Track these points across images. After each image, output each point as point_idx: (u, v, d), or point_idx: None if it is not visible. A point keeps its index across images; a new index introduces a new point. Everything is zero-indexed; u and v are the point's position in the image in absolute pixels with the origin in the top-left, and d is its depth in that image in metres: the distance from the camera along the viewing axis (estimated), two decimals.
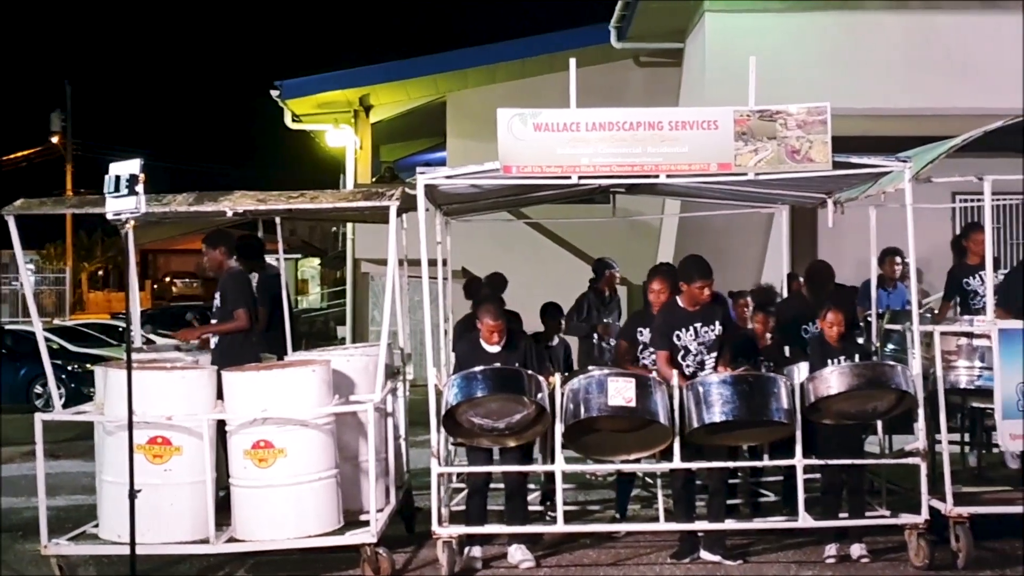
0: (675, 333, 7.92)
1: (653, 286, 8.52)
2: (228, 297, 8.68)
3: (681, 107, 15.52)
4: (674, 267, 8.82)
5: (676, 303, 8.05)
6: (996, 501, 8.06)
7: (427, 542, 7.93)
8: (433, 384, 7.64)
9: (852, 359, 7.83)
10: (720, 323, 8.01)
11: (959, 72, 13.80)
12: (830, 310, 7.94)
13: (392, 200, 7.81)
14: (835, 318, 7.90)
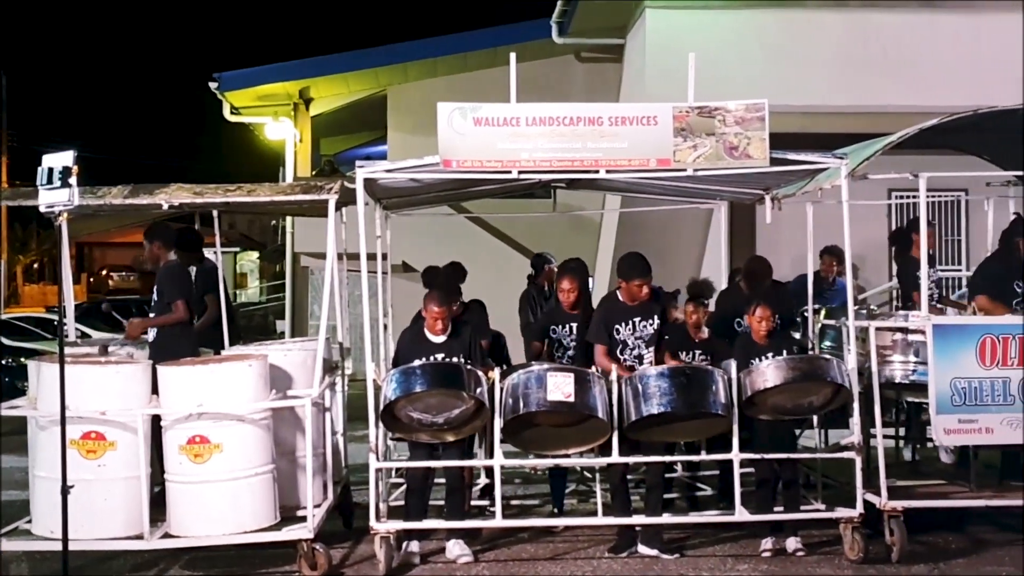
0: (614, 327, 7.95)
1: (563, 284, 8.56)
2: (166, 290, 8.60)
3: (622, 103, 15.60)
4: (584, 264, 8.87)
5: (616, 297, 8.09)
6: (930, 495, 8.15)
7: (365, 538, 7.90)
8: (371, 379, 7.60)
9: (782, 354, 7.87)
10: (658, 317, 8.06)
11: (896, 70, 13.94)
12: (759, 306, 8.00)
13: (331, 194, 7.76)
14: (763, 313, 7.96)
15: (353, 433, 9.16)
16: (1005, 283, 8.62)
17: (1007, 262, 8.80)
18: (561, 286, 8.63)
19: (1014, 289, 8.61)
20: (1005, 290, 8.55)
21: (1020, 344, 7.73)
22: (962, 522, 8.34)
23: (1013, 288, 8.61)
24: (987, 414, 7.72)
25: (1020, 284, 8.63)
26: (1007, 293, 8.54)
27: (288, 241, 20.47)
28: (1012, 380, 7.72)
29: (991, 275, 8.82)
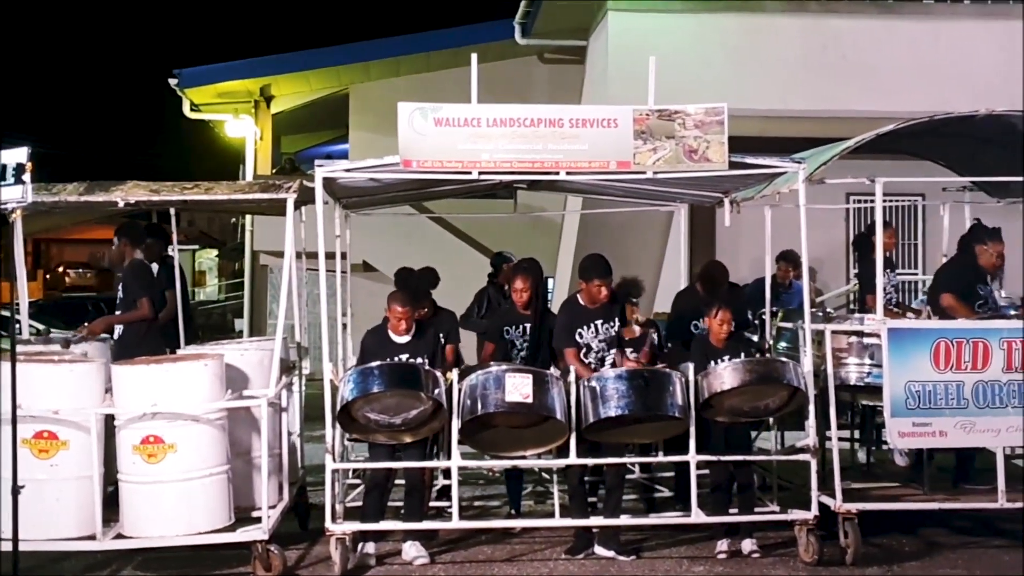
0: (577, 331, 7.96)
1: (516, 284, 8.56)
2: (130, 287, 8.61)
3: (584, 104, 15.62)
4: (537, 264, 8.86)
5: (577, 300, 8.10)
6: (884, 497, 8.22)
7: (320, 539, 7.86)
8: (329, 379, 7.57)
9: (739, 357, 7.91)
10: (619, 319, 8.09)
11: (854, 75, 14.04)
12: (721, 308, 8.02)
13: (289, 193, 7.73)
14: (724, 316, 7.99)
15: (311, 433, 9.11)
16: (969, 286, 8.70)
17: (968, 266, 8.89)
18: (514, 286, 8.63)
19: (977, 292, 8.68)
20: (969, 292, 8.63)
21: (974, 348, 7.80)
22: (916, 525, 8.40)
23: (976, 291, 8.68)
24: (941, 417, 7.78)
25: (982, 288, 8.70)
26: (970, 296, 8.61)
27: (247, 239, 20.36)
28: (966, 384, 7.78)
29: (955, 276, 8.91)
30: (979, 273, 8.85)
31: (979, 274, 8.85)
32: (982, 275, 8.85)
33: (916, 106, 11.78)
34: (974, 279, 8.80)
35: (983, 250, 8.84)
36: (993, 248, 8.84)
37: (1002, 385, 7.81)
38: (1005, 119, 8.40)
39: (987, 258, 8.84)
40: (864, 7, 14.80)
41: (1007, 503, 7.84)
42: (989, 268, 8.88)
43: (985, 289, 8.79)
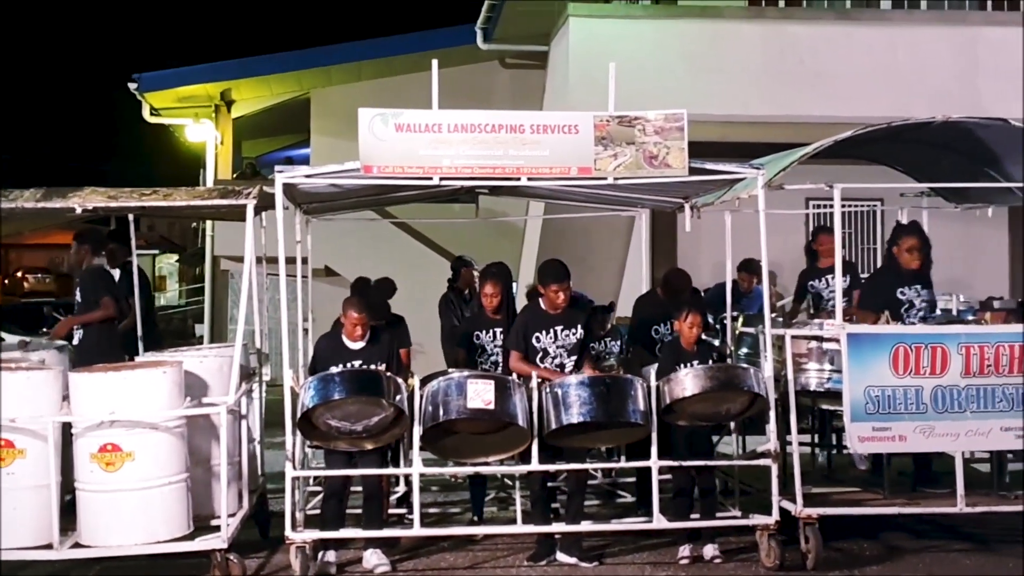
0: (534, 335, 7.95)
1: (486, 289, 8.54)
2: (89, 290, 8.57)
3: (545, 110, 15.65)
4: (506, 268, 8.86)
5: (538, 305, 8.09)
6: (845, 502, 8.26)
7: (281, 547, 7.79)
8: (289, 386, 7.53)
9: (706, 364, 7.93)
10: (583, 327, 8.06)
11: (813, 81, 14.16)
12: (691, 312, 8.01)
13: (249, 199, 7.68)
14: (695, 320, 7.98)
15: (271, 440, 9.05)
16: (890, 292, 8.66)
17: (887, 274, 8.92)
18: (484, 291, 8.61)
19: (898, 298, 8.67)
20: (889, 299, 8.58)
21: (932, 353, 7.86)
22: (876, 529, 8.45)
23: (897, 297, 8.67)
24: (900, 422, 7.82)
25: (904, 292, 8.72)
26: (892, 302, 8.57)
27: (208, 244, 20.23)
28: (924, 388, 7.83)
29: (871, 289, 8.92)
30: (900, 277, 8.76)
31: (900, 278, 8.75)
32: (904, 278, 8.73)
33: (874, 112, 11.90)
34: (893, 285, 8.72)
35: (899, 251, 8.77)
36: (904, 244, 8.74)
37: (960, 390, 7.86)
38: (961, 125, 8.46)
39: (904, 257, 8.74)
40: (822, 14, 14.95)
41: (966, 507, 7.89)
42: (910, 267, 8.74)
43: (910, 291, 8.68)
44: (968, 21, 15.04)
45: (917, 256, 8.72)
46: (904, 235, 8.84)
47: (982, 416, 7.87)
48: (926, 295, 8.78)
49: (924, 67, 14.41)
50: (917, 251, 8.72)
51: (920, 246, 8.75)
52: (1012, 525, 8.34)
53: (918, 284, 8.74)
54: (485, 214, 15.63)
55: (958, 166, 9.27)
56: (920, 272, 8.77)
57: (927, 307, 8.78)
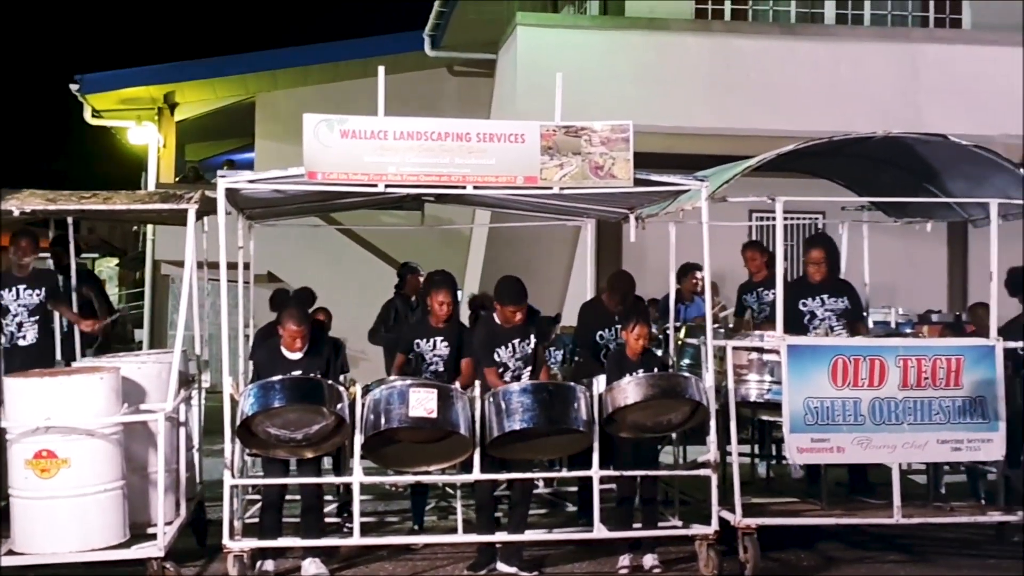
0: (495, 350, 7.92)
1: (439, 297, 8.49)
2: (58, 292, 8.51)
3: (493, 118, 15.65)
4: (451, 276, 8.84)
5: (493, 320, 8.04)
6: (783, 513, 8.32)
7: (218, 556, 7.71)
8: (228, 393, 7.46)
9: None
10: (534, 336, 8.05)
11: (758, 94, 14.28)
12: (638, 323, 8.02)
13: (190, 204, 7.61)
14: (642, 331, 7.98)
15: (210, 447, 8.96)
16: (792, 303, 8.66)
17: (795, 283, 9.03)
18: (437, 299, 8.50)
19: (799, 309, 8.76)
20: (791, 310, 8.58)
21: (870, 365, 7.95)
22: (813, 539, 8.51)
23: (799, 308, 8.76)
24: (838, 433, 7.91)
25: (806, 303, 8.79)
26: (793, 313, 8.62)
27: (149, 248, 19.99)
28: (862, 400, 7.92)
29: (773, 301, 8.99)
30: (803, 288, 8.89)
31: (803, 289, 8.88)
32: (808, 289, 8.87)
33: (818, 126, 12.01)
34: (796, 296, 8.80)
35: (806, 263, 8.93)
36: (808, 256, 8.88)
37: (898, 402, 7.96)
38: (902, 141, 8.58)
39: (809, 269, 8.90)
40: (767, 28, 15.08)
41: (902, 519, 7.99)
42: (814, 279, 8.87)
43: (813, 302, 8.79)
44: (911, 38, 15.25)
45: (819, 268, 8.87)
46: (807, 248, 9.02)
47: (919, 428, 7.98)
48: (833, 303, 8.86)
49: (867, 82, 14.58)
50: (818, 263, 8.87)
51: (823, 258, 8.89)
52: (947, 536, 8.47)
53: (824, 294, 8.86)
54: (431, 221, 15.60)
55: (898, 181, 9.39)
56: (825, 283, 8.89)
57: (832, 315, 8.83)
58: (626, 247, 14.39)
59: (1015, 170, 8.37)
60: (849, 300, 8.98)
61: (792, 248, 14.95)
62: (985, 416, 8.01)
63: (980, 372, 8.03)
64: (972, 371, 8.02)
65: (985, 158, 8.39)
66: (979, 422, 8.01)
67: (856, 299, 9.07)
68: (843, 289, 9.03)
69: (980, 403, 8.02)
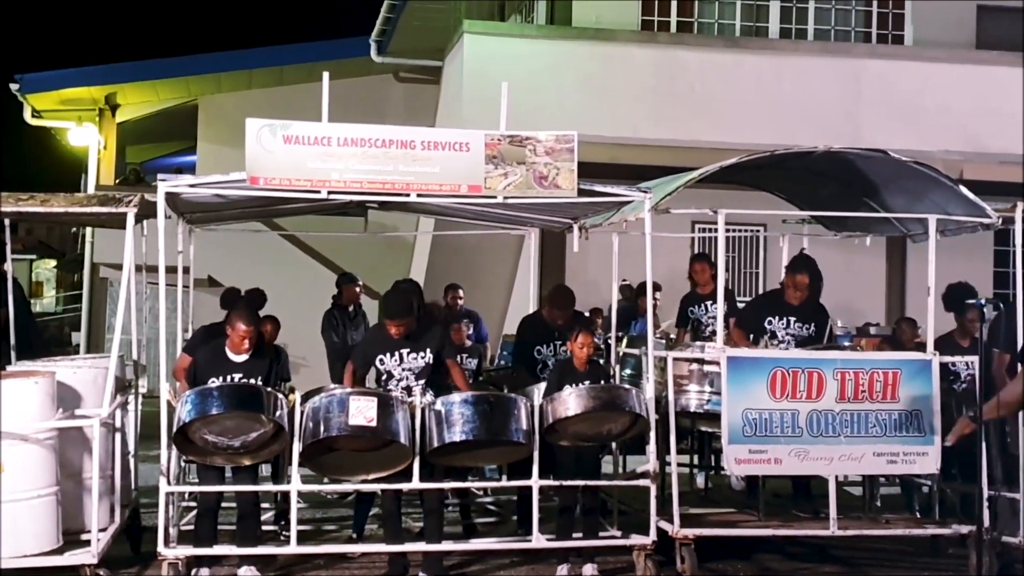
0: (377, 357, 7.85)
1: None
2: None
3: (438, 126, 15.66)
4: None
5: (384, 328, 7.96)
6: (721, 523, 8.34)
7: (153, 563, 7.61)
8: (165, 399, 7.36)
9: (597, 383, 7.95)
10: (433, 350, 7.93)
11: (702, 107, 14.41)
12: (582, 332, 8.02)
13: (129, 207, 7.52)
14: (585, 340, 7.97)
15: (147, 453, 8.86)
16: (758, 318, 8.83)
17: (767, 299, 9.06)
18: None
19: (763, 327, 8.80)
20: (756, 326, 8.74)
21: (809, 378, 8.01)
22: (750, 550, 8.56)
23: (763, 325, 8.81)
24: (776, 445, 7.96)
25: (771, 321, 8.83)
26: (757, 328, 8.74)
27: (87, 250, 19.77)
28: (800, 412, 7.98)
29: (747, 308, 9.09)
30: (774, 306, 8.92)
31: (774, 307, 8.91)
32: (779, 308, 8.86)
33: (761, 139, 12.15)
34: (765, 313, 8.88)
35: (786, 282, 8.96)
36: (789, 279, 8.89)
37: (835, 414, 8.03)
38: (843, 156, 8.66)
39: (788, 291, 8.88)
40: (712, 40, 15.23)
41: (838, 530, 8.06)
42: (793, 299, 8.86)
43: (778, 323, 8.81)
44: (853, 53, 15.47)
45: (798, 295, 8.82)
46: (793, 271, 8.95)
47: (855, 441, 8.05)
48: (796, 329, 8.84)
49: (810, 96, 14.77)
50: (801, 288, 8.81)
51: (807, 284, 8.83)
52: (882, 548, 8.56)
53: (792, 316, 8.83)
54: (375, 228, 15.56)
55: (839, 195, 9.49)
56: (799, 307, 8.86)
57: (792, 340, 8.81)
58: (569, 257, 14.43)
59: (953, 186, 8.48)
60: (816, 328, 8.93)
61: (733, 260, 15.10)
62: (921, 430, 8.11)
63: (916, 386, 8.12)
64: (909, 385, 8.11)
65: (924, 174, 8.49)
66: (915, 435, 8.10)
67: (823, 329, 9.04)
68: (813, 317, 8.95)
69: (916, 417, 8.11)
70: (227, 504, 7.89)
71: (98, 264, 19.32)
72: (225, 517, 7.86)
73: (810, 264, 9.10)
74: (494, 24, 16.37)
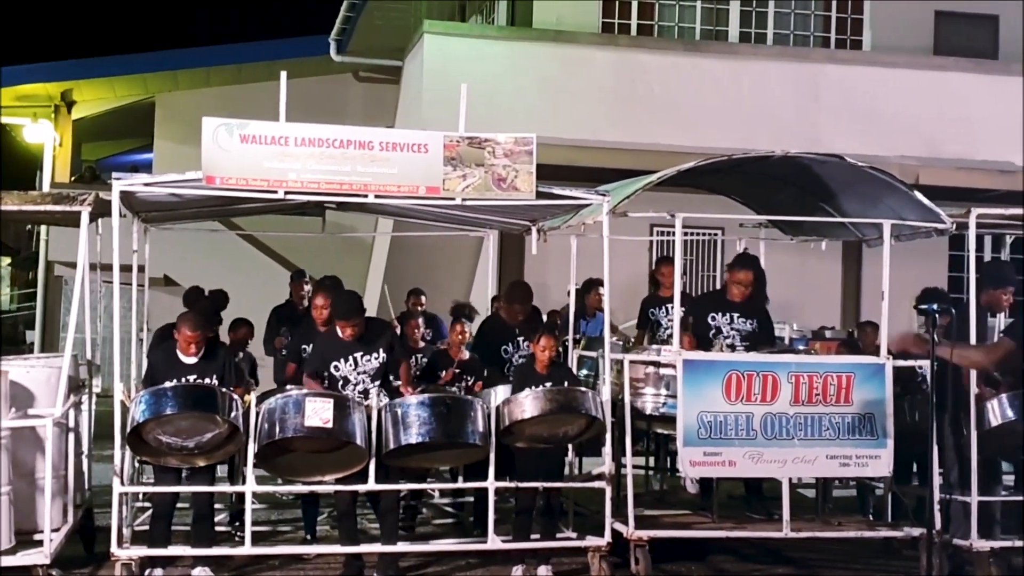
0: (332, 363, 7.84)
1: (316, 301, 8.40)
2: None
3: (398, 126, 15.63)
4: (339, 280, 8.75)
5: (335, 332, 7.93)
6: (675, 525, 8.38)
7: (106, 564, 7.56)
8: (119, 399, 7.31)
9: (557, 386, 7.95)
10: (384, 350, 7.94)
11: (662, 110, 14.47)
12: (543, 335, 8.05)
13: (84, 206, 7.46)
14: (547, 343, 7.98)
15: (101, 452, 8.77)
16: (702, 315, 8.83)
17: (711, 296, 9.10)
18: (315, 303, 8.43)
19: (708, 322, 8.82)
20: (700, 322, 8.75)
21: (763, 381, 8.07)
22: (705, 552, 8.60)
23: (707, 321, 8.82)
24: (731, 447, 8.01)
25: (715, 317, 8.86)
26: (701, 325, 8.75)
27: (42, 248, 19.58)
28: (755, 415, 8.03)
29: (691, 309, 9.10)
30: (718, 303, 8.95)
31: (718, 304, 8.94)
32: (723, 304, 8.89)
33: (719, 142, 12.22)
34: (707, 309, 8.91)
35: (729, 280, 8.98)
36: (733, 275, 8.92)
37: (789, 417, 8.09)
38: (799, 161, 8.72)
39: (732, 288, 8.90)
40: (672, 44, 15.29)
41: (791, 532, 8.11)
42: (735, 296, 8.87)
43: (722, 318, 8.81)
44: (811, 58, 15.58)
45: (742, 291, 8.83)
46: (736, 267, 8.99)
47: (809, 444, 8.11)
48: (741, 324, 8.84)
49: (768, 101, 14.86)
50: (745, 285, 8.83)
51: (751, 280, 8.85)
52: (835, 550, 8.62)
53: (735, 312, 8.83)
54: (333, 228, 15.49)
55: (795, 200, 9.55)
56: (742, 303, 8.88)
57: (737, 335, 8.83)
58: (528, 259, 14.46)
59: (908, 191, 8.56)
60: (759, 324, 8.94)
61: (691, 263, 15.17)
62: (873, 433, 8.18)
63: (870, 390, 8.19)
64: (862, 389, 8.18)
65: (879, 179, 8.56)
66: (867, 439, 8.17)
67: (766, 324, 9.04)
68: (756, 313, 8.95)
69: (869, 420, 8.18)
70: (182, 505, 7.84)
71: (53, 262, 19.13)
72: (179, 518, 7.81)
73: (752, 261, 9.17)
74: (454, 24, 16.36)
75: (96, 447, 8.60)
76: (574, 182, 8.30)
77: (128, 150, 23.33)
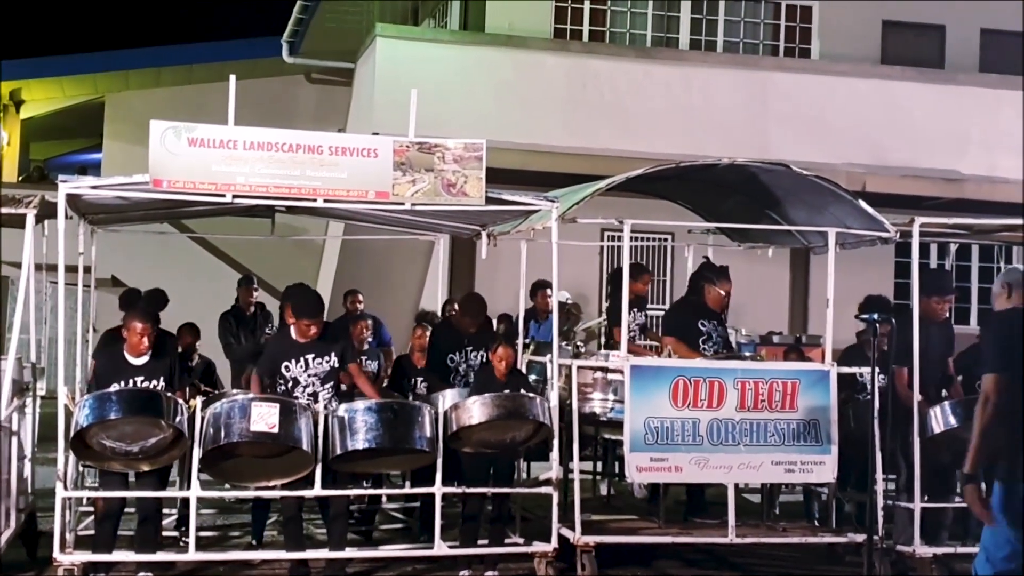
0: (283, 364, 7.80)
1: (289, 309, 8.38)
2: None
3: (350, 128, 15.58)
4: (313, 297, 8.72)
5: (288, 333, 7.92)
6: (622, 530, 8.43)
7: (49, 568, 7.48)
8: (63, 402, 7.24)
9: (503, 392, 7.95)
10: (336, 354, 7.92)
11: (612, 115, 14.52)
12: (501, 345, 8.07)
13: (28, 208, 7.39)
14: (504, 353, 8.01)
15: (46, 455, 8.67)
16: (692, 322, 8.97)
17: (691, 304, 9.21)
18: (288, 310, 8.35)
19: (698, 328, 8.95)
20: (692, 329, 8.91)
21: (710, 387, 8.13)
22: (651, 557, 8.65)
23: (698, 327, 8.95)
24: (677, 453, 8.05)
25: (704, 324, 9.01)
26: (694, 331, 8.89)
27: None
28: (701, 421, 8.09)
29: (676, 316, 9.25)
30: (702, 310, 9.06)
31: (702, 311, 9.05)
32: (706, 312, 9.03)
33: (669, 149, 12.29)
34: (696, 316, 9.02)
35: (710, 288, 9.06)
36: (720, 287, 9.05)
37: (735, 423, 8.15)
38: (746, 169, 8.80)
39: (714, 296, 9.02)
40: (623, 50, 15.36)
41: (737, 538, 8.17)
42: (715, 306, 9.05)
43: (709, 325, 8.98)
44: (760, 65, 15.71)
45: (722, 301, 9.05)
46: (721, 279, 9.10)
47: (754, 450, 8.18)
48: (720, 331, 9.11)
49: (717, 108, 14.96)
50: (728, 296, 9.06)
51: (730, 292, 9.09)
52: (779, 555, 8.70)
53: (716, 320, 9.05)
54: (283, 231, 15.42)
55: (742, 207, 9.64)
56: (716, 312, 9.09)
57: (721, 341, 9.09)
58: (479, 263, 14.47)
59: (853, 200, 8.66)
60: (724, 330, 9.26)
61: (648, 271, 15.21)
62: (818, 439, 8.25)
63: (814, 396, 8.27)
64: (807, 395, 8.26)
65: (824, 188, 8.65)
66: (812, 445, 8.25)
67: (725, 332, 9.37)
68: (723, 321, 9.25)
69: (814, 426, 8.26)
70: (129, 509, 7.77)
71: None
72: (124, 523, 7.74)
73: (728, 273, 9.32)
74: (407, 28, 16.35)
75: (41, 449, 8.52)
76: (526, 186, 8.33)
77: (77, 150, 23.11)
